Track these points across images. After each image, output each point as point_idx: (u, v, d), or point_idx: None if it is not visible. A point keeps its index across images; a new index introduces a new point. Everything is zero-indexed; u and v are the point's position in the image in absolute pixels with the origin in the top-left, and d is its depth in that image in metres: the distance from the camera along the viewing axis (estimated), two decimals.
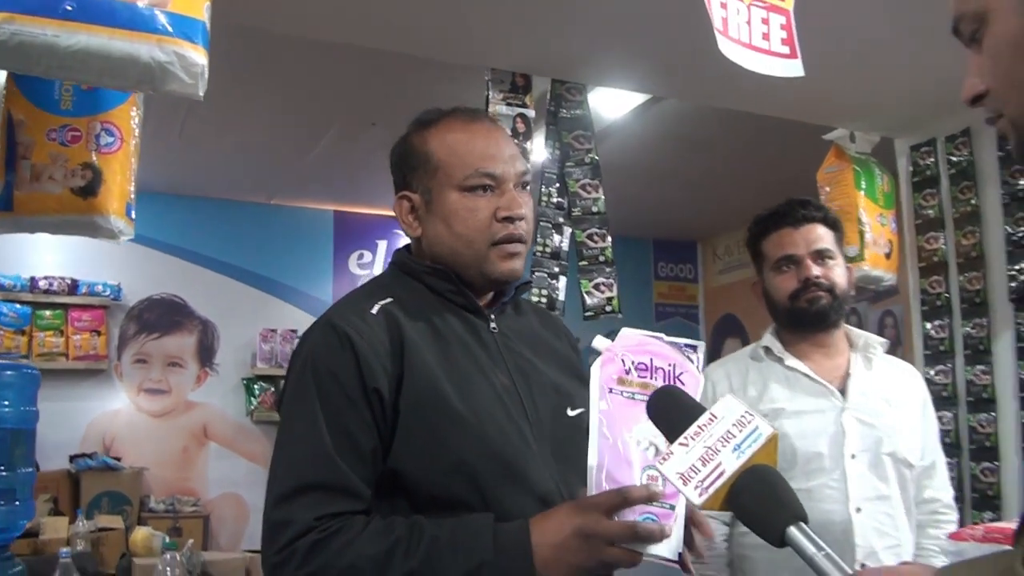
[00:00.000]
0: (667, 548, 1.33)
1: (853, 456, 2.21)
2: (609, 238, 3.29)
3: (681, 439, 1.09)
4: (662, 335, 1.46)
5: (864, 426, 2.24)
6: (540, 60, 3.21)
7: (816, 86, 2.45)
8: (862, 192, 3.80)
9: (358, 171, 5.44)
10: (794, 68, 2.31)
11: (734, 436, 1.06)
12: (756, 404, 2.27)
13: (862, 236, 3.73)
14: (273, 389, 5.86)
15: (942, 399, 3.76)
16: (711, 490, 1.04)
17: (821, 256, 2.27)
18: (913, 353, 3.97)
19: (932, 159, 3.90)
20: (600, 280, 3.25)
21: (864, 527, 2.18)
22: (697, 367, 1.42)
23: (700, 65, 2.70)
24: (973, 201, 3.73)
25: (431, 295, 1.65)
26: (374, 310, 1.56)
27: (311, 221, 6.34)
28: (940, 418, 3.75)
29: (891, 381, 2.37)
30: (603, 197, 3.28)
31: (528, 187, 1.68)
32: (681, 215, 6.56)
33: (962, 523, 3.65)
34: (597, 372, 1.43)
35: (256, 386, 5.92)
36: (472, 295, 1.65)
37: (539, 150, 3.41)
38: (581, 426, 1.68)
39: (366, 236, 6.43)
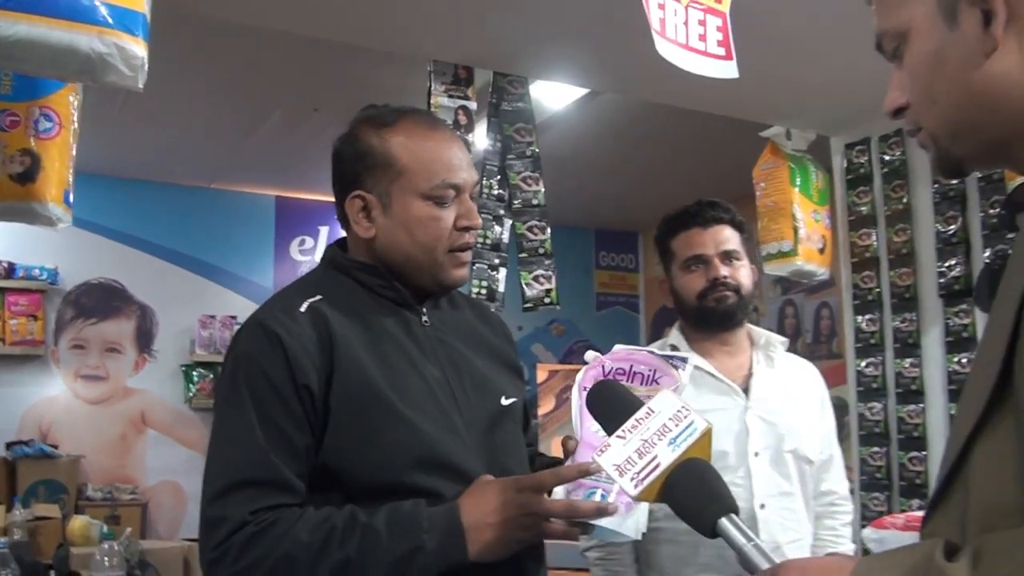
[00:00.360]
0: (624, 526, 1.38)
1: (756, 454, 2.26)
2: (549, 230, 3.32)
3: (619, 432, 1.13)
4: (654, 349, 1.53)
5: (766, 424, 2.29)
6: (482, 53, 3.23)
7: (753, 84, 2.50)
8: (797, 189, 3.87)
9: (300, 156, 5.41)
10: (729, 69, 2.35)
11: (670, 430, 1.10)
12: None
13: (796, 232, 3.81)
14: (212, 376, 5.79)
15: (872, 390, 3.87)
16: (646, 482, 1.07)
17: (729, 257, 2.30)
18: (845, 344, 4.07)
19: (866, 158, 3.99)
20: (539, 272, 3.29)
21: (769, 523, 2.22)
22: (681, 374, 1.47)
23: (639, 61, 2.73)
24: (905, 199, 3.83)
25: (362, 291, 1.66)
26: (303, 308, 1.58)
27: (252, 206, 6.27)
28: (870, 409, 3.87)
29: (792, 379, 2.42)
30: (543, 190, 3.31)
31: (476, 198, 1.72)
32: (623, 206, 6.64)
33: (890, 511, 3.79)
34: (579, 378, 1.47)
35: (195, 373, 5.86)
36: (404, 290, 1.67)
37: (480, 142, 3.43)
38: (512, 415, 1.73)
39: (308, 222, 6.37)
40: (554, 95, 4.22)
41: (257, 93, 4.55)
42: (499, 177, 3.30)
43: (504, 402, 1.72)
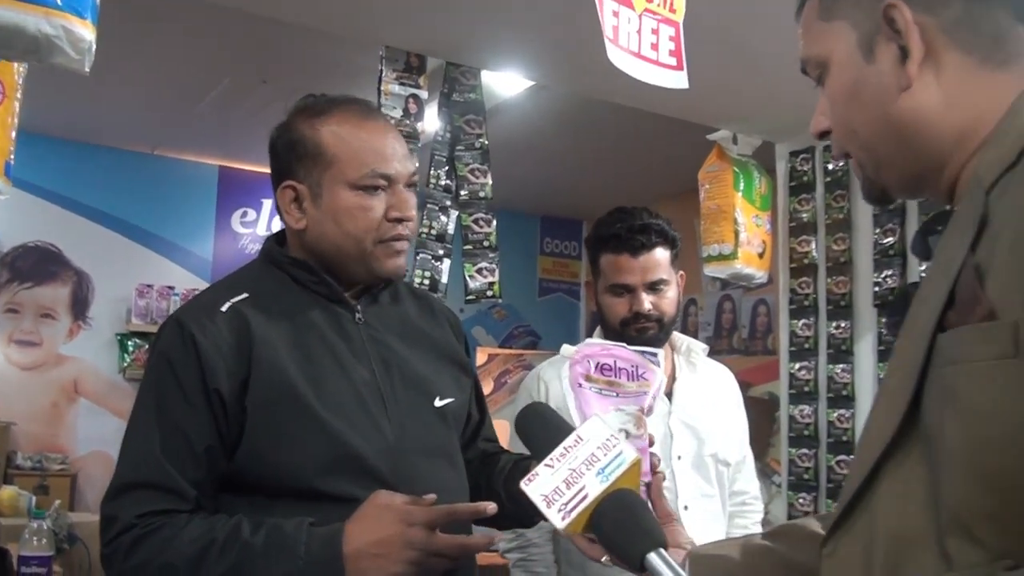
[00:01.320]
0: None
1: (679, 457, 2.33)
2: (495, 223, 3.33)
3: (547, 460, 1.10)
4: (624, 344, 1.53)
5: (689, 429, 2.36)
6: (434, 42, 3.21)
7: (702, 90, 2.53)
8: (740, 193, 3.91)
9: (246, 128, 5.33)
10: (679, 80, 2.37)
11: (599, 459, 1.07)
12: None
13: (737, 235, 3.85)
14: (147, 346, 5.69)
15: (804, 393, 3.94)
16: (573, 514, 1.05)
17: (655, 287, 2.31)
18: (780, 347, 4.15)
19: (809, 166, 4.03)
20: (483, 265, 3.30)
21: (692, 524, 2.26)
22: (658, 368, 1.48)
23: (590, 59, 2.73)
24: (846, 209, 3.89)
25: (296, 287, 1.66)
26: (224, 308, 1.58)
27: (195, 175, 6.16)
28: (800, 411, 3.95)
29: (711, 384, 2.50)
30: (491, 182, 3.31)
31: (415, 187, 1.71)
32: (569, 194, 6.69)
33: (816, 511, 3.88)
34: (566, 374, 1.48)
35: (130, 342, 5.78)
36: (337, 286, 1.67)
37: (430, 128, 3.41)
38: (446, 417, 1.72)
39: (251, 194, 6.29)
40: (504, 82, 4.22)
41: (206, 62, 4.48)
42: (447, 168, 3.29)
43: (438, 403, 1.71)
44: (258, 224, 6.27)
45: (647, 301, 2.30)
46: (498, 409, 6.50)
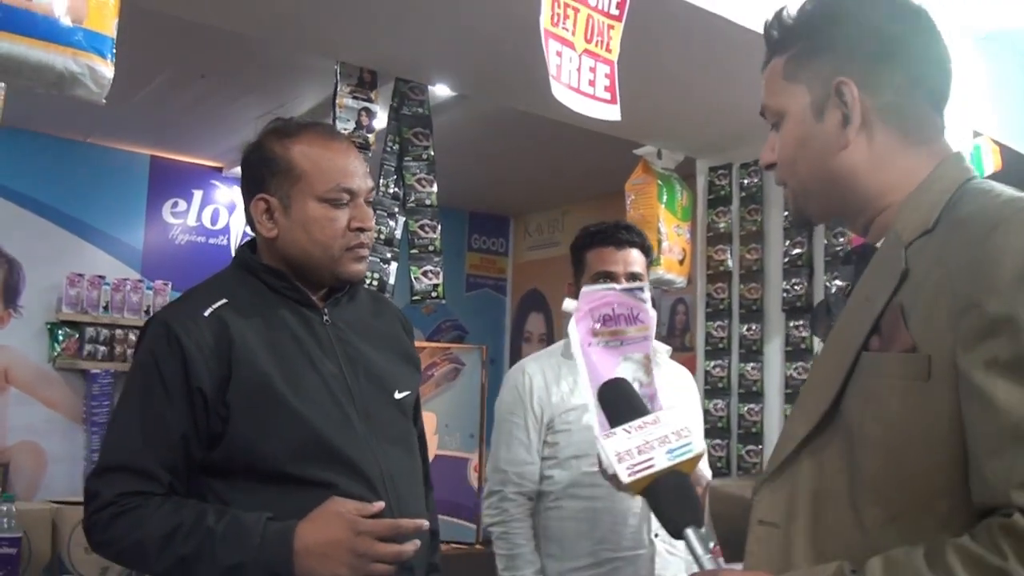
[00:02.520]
0: None
1: None
2: (439, 228, 3.52)
3: (627, 426, 1.26)
4: (615, 286, 1.63)
5: None
6: (385, 58, 3.38)
7: (632, 110, 2.70)
8: (663, 205, 4.12)
9: (181, 119, 5.32)
10: (612, 112, 2.60)
11: (670, 441, 1.24)
12: (568, 398, 2.61)
13: (659, 243, 4.05)
14: (77, 336, 5.64)
15: (718, 389, 4.15)
16: (638, 475, 1.22)
17: (634, 277, 2.59)
18: (696, 347, 4.40)
19: (727, 181, 4.24)
20: (428, 268, 3.49)
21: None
22: (648, 305, 1.58)
23: (522, 76, 2.93)
24: (759, 222, 4.09)
25: (269, 292, 1.84)
26: (206, 313, 1.75)
27: (126, 164, 6.03)
28: (715, 405, 4.16)
29: (674, 382, 2.77)
30: (436, 191, 3.51)
31: (371, 202, 1.90)
32: (497, 191, 6.75)
33: None
34: (574, 332, 1.55)
35: (60, 332, 5.63)
36: (306, 291, 1.85)
37: (380, 142, 3.59)
38: (404, 408, 1.93)
39: (183, 184, 6.19)
40: (437, 86, 4.37)
41: (145, 52, 4.39)
42: (395, 177, 3.48)
43: (397, 395, 1.91)
44: (188, 215, 6.19)
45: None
46: (425, 401, 6.61)
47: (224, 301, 1.78)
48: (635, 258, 2.62)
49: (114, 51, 1.85)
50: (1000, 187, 1.18)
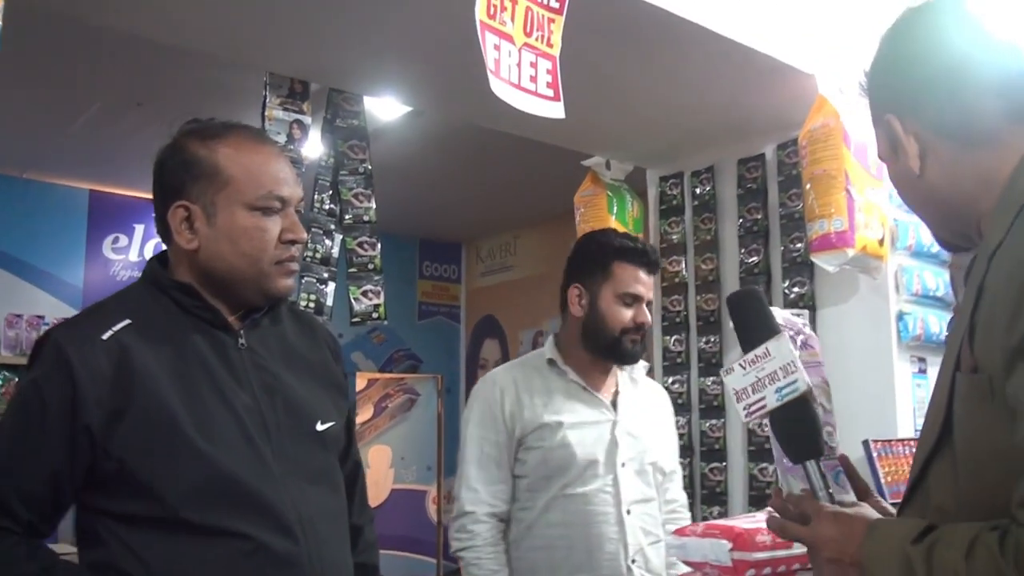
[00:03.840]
0: None
1: (623, 464, 2.49)
2: (379, 246, 3.38)
3: (740, 361, 1.32)
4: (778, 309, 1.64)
5: (632, 438, 2.53)
6: (317, 68, 3.25)
7: (577, 117, 2.62)
8: (613, 216, 4.03)
9: (119, 151, 5.24)
10: (555, 110, 2.47)
11: (779, 379, 1.28)
12: (543, 412, 2.49)
13: None
14: (17, 379, 5.41)
15: (678, 406, 3.97)
16: (754, 416, 1.30)
17: (649, 306, 2.55)
18: (654, 362, 4.28)
19: (678, 190, 4.16)
20: (368, 287, 3.35)
21: (633, 526, 2.46)
22: (810, 330, 1.61)
23: (469, 87, 2.81)
24: (713, 231, 4.01)
25: (178, 311, 1.65)
26: (105, 336, 1.56)
27: (64, 199, 5.96)
28: (676, 422, 4.09)
29: (649, 400, 2.70)
30: (375, 206, 3.37)
31: (300, 212, 1.74)
32: (447, 217, 6.71)
33: (692, 517, 4.01)
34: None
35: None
36: (220, 311, 1.67)
37: (313, 154, 3.45)
38: (326, 442, 1.74)
39: (123, 219, 6.13)
40: (384, 107, 4.31)
41: (77, 82, 4.36)
42: (331, 192, 3.34)
43: (319, 427, 1.72)
44: (130, 250, 6.11)
45: (648, 316, 2.53)
46: (379, 434, 6.46)
47: (127, 322, 1.59)
48: (652, 285, 2.60)
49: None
50: None
